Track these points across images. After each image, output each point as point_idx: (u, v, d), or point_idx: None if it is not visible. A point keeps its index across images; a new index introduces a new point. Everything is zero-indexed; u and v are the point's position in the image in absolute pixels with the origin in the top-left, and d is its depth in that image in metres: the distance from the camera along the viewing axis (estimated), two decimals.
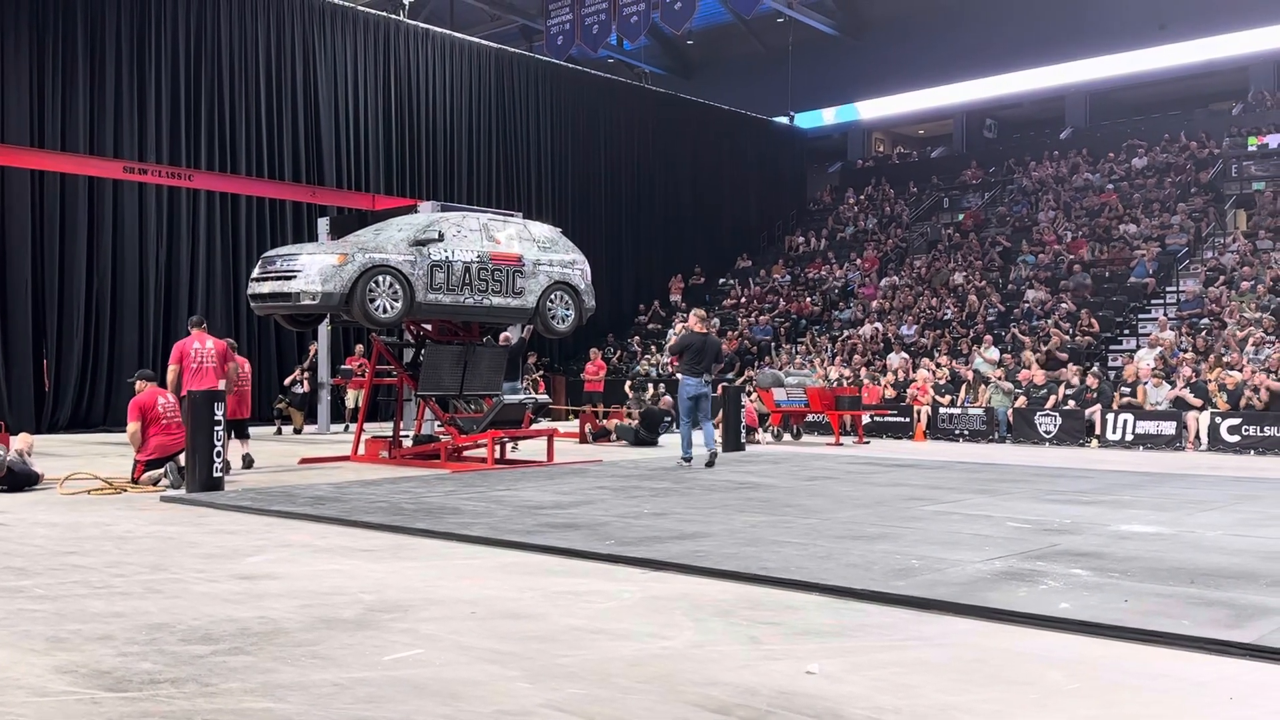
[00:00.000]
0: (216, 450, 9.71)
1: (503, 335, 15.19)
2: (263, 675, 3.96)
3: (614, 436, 17.35)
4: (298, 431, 19.34)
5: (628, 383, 22.39)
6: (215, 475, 9.71)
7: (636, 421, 17.25)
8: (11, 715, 3.52)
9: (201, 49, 21.16)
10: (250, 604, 5.16)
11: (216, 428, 9.72)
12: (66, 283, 19.48)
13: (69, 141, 19.31)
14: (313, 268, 11.81)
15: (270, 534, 7.47)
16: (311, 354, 19.94)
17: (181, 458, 10.09)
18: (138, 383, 10.87)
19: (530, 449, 14.96)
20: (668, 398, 18.50)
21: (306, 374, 19.83)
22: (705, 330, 13.05)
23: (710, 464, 12.31)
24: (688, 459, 12.41)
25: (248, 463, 12.36)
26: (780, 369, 21.27)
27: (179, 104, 20.77)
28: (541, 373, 23.69)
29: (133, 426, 10.49)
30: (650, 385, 21.73)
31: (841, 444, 17.46)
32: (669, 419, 17.58)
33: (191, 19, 21.03)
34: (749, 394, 19.26)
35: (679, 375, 12.90)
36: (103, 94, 19.76)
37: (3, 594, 5.40)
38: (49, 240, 19.23)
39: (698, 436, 12.74)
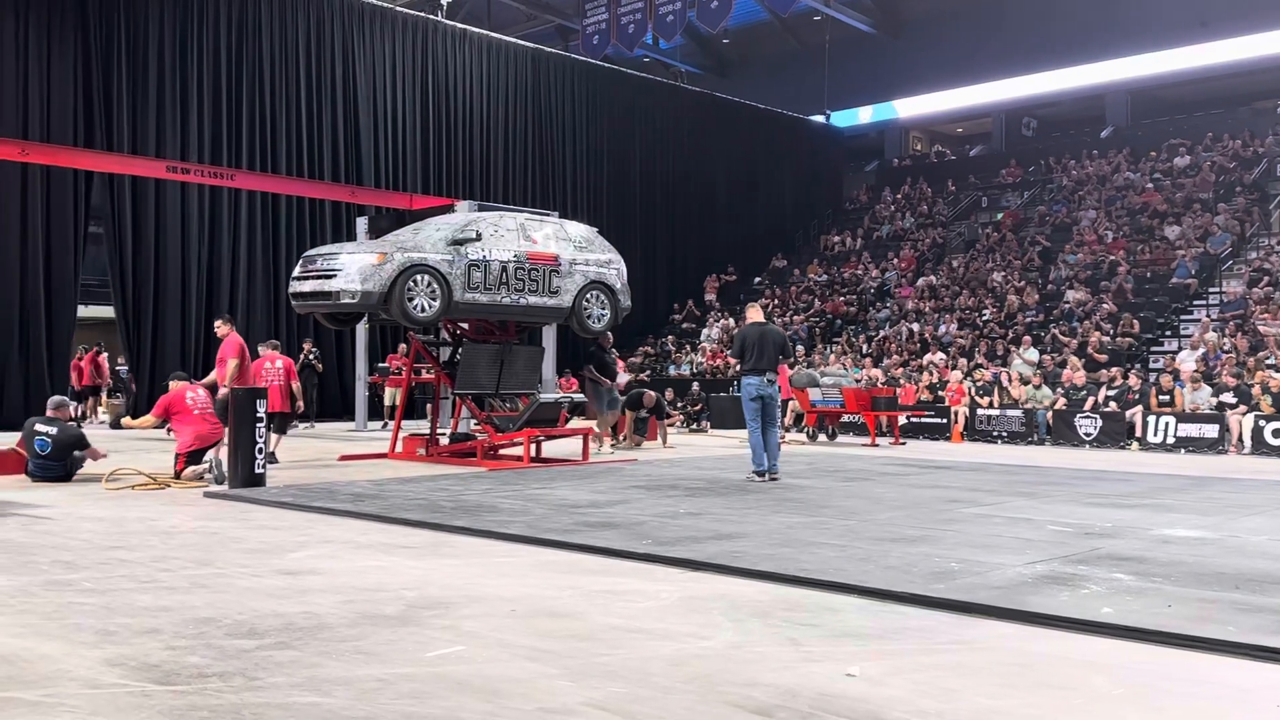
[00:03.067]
0: (258, 446, 9.84)
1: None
2: (308, 670, 4.01)
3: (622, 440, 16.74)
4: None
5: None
6: (257, 471, 9.84)
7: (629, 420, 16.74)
8: (65, 706, 3.59)
9: (243, 50, 21.42)
10: (294, 599, 5.22)
11: (259, 424, 9.84)
12: (111, 281, 19.84)
13: (114, 141, 19.62)
14: (352, 267, 11.92)
15: (312, 530, 7.55)
16: (305, 351, 19.81)
17: (223, 451, 10.25)
18: (171, 383, 11.20)
19: (564, 448, 14.99)
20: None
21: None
22: (764, 322, 11.62)
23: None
24: (761, 472, 10.91)
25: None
26: (818, 369, 21.18)
27: (220, 104, 21.04)
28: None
29: (151, 420, 11.03)
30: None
31: (877, 445, 17.38)
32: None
33: (233, 20, 21.30)
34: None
35: (741, 377, 11.39)
36: (146, 94, 20.05)
37: (53, 587, 5.50)
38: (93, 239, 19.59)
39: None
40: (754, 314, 11.69)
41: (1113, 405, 17.80)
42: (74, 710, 3.55)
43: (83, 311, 26.59)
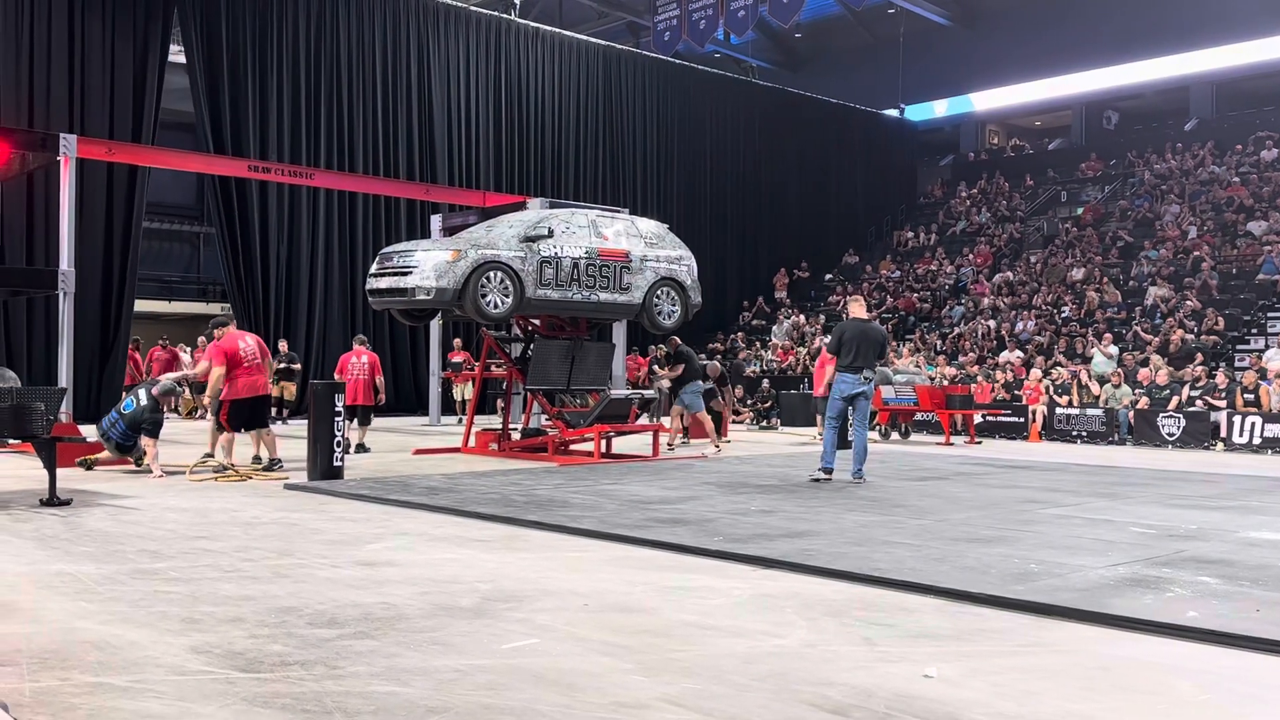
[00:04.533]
0: (337, 440, 10.03)
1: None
2: (387, 660, 4.08)
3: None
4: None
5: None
6: (335, 464, 10.02)
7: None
8: (153, 692, 3.69)
9: (321, 51, 21.83)
10: (372, 590, 5.31)
11: (336, 418, 10.03)
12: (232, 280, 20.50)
13: (198, 141, 20.15)
14: (428, 264, 12.08)
15: (388, 522, 7.68)
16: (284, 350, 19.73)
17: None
18: (217, 330, 11.41)
19: (634, 444, 15.00)
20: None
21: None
22: (867, 318, 11.10)
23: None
24: (828, 471, 10.54)
25: (360, 449, 13.44)
26: (890, 366, 20.90)
27: (300, 105, 21.47)
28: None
29: (218, 371, 10.92)
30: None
31: (952, 444, 17.13)
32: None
33: (311, 22, 21.70)
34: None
35: (838, 372, 10.71)
36: (227, 95, 20.54)
37: (140, 576, 5.66)
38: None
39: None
40: (857, 309, 11.09)
41: (1198, 403, 17.32)
42: (161, 696, 3.65)
43: (165, 307, 27.46)
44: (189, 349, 22.92)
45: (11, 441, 9.78)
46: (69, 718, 3.40)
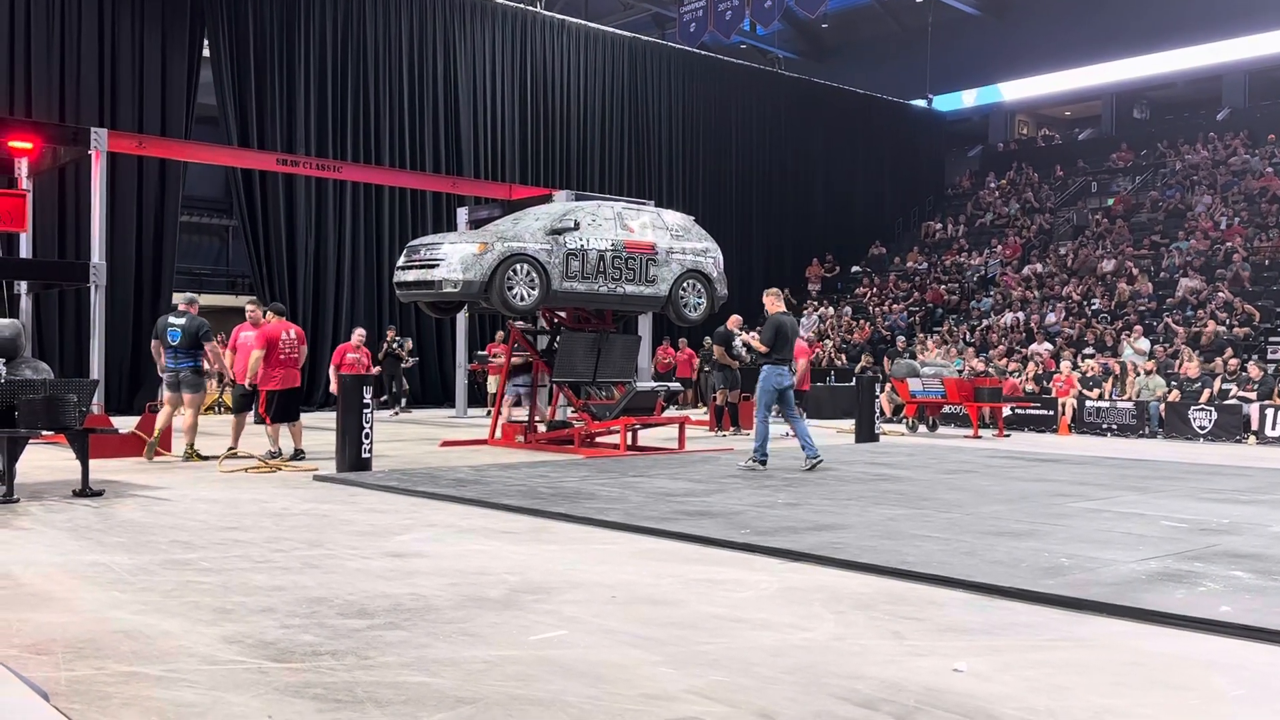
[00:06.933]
0: (365, 431, 10.09)
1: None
2: (417, 650, 4.10)
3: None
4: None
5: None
6: (364, 456, 10.08)
7: None
8: (186, 681, 3.72)
9: (348, 45, 21.92)
10: (401, 581, 5.34)
11: (365, 410, 10.10)
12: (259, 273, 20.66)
13: (223, 135, 20.28)
14: (454, 256, 12.11)
15: (416, 514, 7.71)
16: (389, 339, 20.03)
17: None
18: (268, 314, 11.82)
19: (660, 436, 14.99)
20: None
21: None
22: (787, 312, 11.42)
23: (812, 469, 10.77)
24: (764, 461, 10.86)
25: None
26: (917, 359, 20.79)
27: (326, 98, 21.56)
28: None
29: (257, 354, 11.36)
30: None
31: (980, 437, 17.02)
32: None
33: (339, 16, 21.79)
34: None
35: (766, 365, 10.99)
36: (256, 89, 20.65)
37: (172, 566, 5.71)
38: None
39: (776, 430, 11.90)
40: (780, 303, 11.38)
41: (1234, 388, 17.11)
42: (194, 685, 3.68)
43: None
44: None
45: (45, 433, 9.91)
46: (104, 706, 3.44)
